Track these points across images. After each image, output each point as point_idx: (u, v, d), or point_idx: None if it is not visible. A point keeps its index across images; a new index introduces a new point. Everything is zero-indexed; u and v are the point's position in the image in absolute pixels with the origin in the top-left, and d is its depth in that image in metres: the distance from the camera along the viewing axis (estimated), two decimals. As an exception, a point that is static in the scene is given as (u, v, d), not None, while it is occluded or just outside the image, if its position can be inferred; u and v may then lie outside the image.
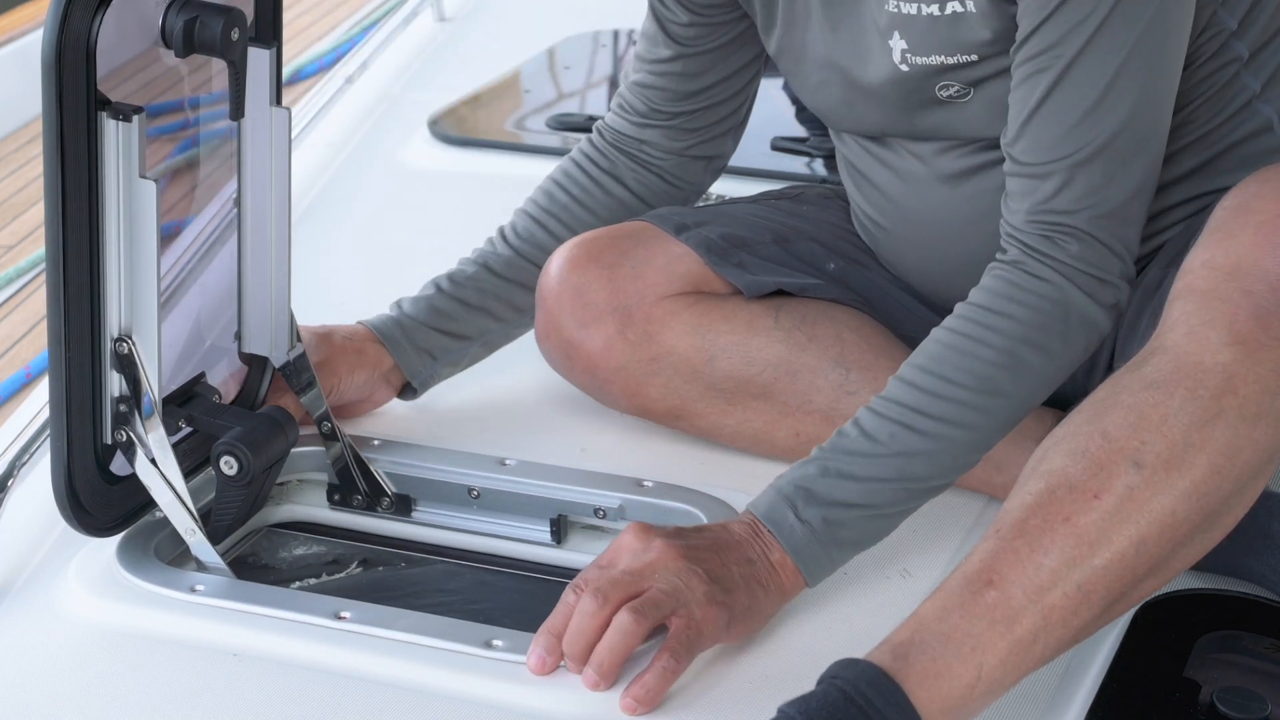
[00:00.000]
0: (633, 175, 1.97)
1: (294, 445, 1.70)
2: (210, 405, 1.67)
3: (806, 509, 1.55)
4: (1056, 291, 1.59)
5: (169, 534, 1.68)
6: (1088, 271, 1.60)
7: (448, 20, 3.30)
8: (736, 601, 1.52)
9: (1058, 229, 1.60)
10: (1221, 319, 1.44)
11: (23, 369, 3.51)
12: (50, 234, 1.46)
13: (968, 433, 1.58)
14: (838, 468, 1.57)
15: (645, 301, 1.84)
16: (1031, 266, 1.60)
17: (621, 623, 1.47)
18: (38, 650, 1.57)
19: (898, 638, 1.38)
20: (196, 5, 1.51)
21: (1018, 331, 1.58)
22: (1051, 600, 1.38)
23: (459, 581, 1.74)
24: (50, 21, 1.39)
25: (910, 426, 1.57)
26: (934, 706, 1.35)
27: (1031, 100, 1.59)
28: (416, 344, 1.87)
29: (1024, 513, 1.41)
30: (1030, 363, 1.58)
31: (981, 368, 1.58)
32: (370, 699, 1.49)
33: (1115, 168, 1.59)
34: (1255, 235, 1.49)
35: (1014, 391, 1.58)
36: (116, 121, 1.45)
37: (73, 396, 1.53)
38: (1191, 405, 1.41)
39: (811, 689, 1.37)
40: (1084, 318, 1.60)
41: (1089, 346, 1.62)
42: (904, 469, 1.56)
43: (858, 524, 1.57)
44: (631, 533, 1.54)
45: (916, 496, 1.59)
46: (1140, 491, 1.39)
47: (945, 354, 1.59)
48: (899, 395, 1.58)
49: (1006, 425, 1.60)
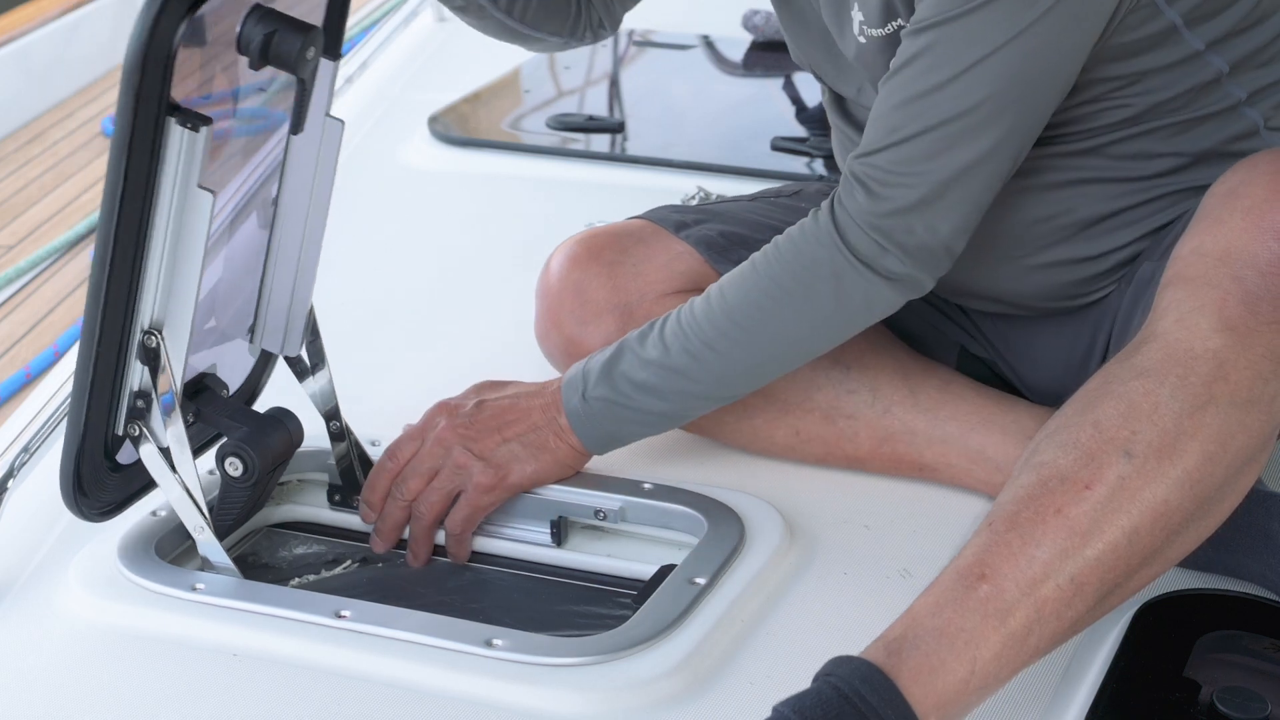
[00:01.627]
0: None
1: (298, 447, 1.70)
2: (219, 402, 1.66)
3: (593, 387, 1.71)
4: (827, 238, 1.63)
5: (169, 533, 1.68)
6: (864, 231, 1.61)
7: (448, 20, 3.29)
8: (509, 467, 1.73)
9: (862, 180, 1.61)
10: (1211, 305, 1.44)
11: (23, 369, 3.51)
12: (102, 228, 1.46)
13: (730, 359, 1.68)
14: (631, 358, 1.70)
15: (646, 299, 1.84)
16: (821, 211, 1.65)
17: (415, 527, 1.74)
18: (38, 650, 1.57)
19: (891, 634, 1.38)
20: (276, 18, 1.50)
21: (776, 273, 1.66)
22: (1045, 593, 1.37)
23: (459, 581, 1.74)
24: (138, 27, 1.40)
25: (688, 338, 1.68)
26: (928, 702, 1.35)
27: (904, 54, 1.59)
28: None
29: (1016, 505, 1.41)
30: (782, 305, 1.65)
31: (746, 302, 1.66)
32: (370, 699, 1.49)
33: (946, 145, 1.58)
34: (1244, 221, 1.49)
35: (770, 330, 1.67)
36: (184, 129, 1.45)
37: (97, 384, 1.53)
38: (1182, 393, 1.40)
39: (807, 688, 1.37)
40: (845, 275, 1.63)
41: (859, 309, 1.65)
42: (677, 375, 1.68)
43: (635, 412, 1.71)
44: (434, 409, 1.76)
45: (691, 399, 1.71)
46: (1132, 481, 1.39)
47: (733, 280, 1.69)
48: (696, 307, 1.69)
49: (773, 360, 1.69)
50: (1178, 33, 1.63)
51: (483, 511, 1.74)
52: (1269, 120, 1.68)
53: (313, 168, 1.67)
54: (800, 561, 1.70)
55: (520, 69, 3.09)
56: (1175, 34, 1.62)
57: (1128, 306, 1.70)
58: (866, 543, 1.74)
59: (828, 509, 1.79)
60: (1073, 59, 1.58)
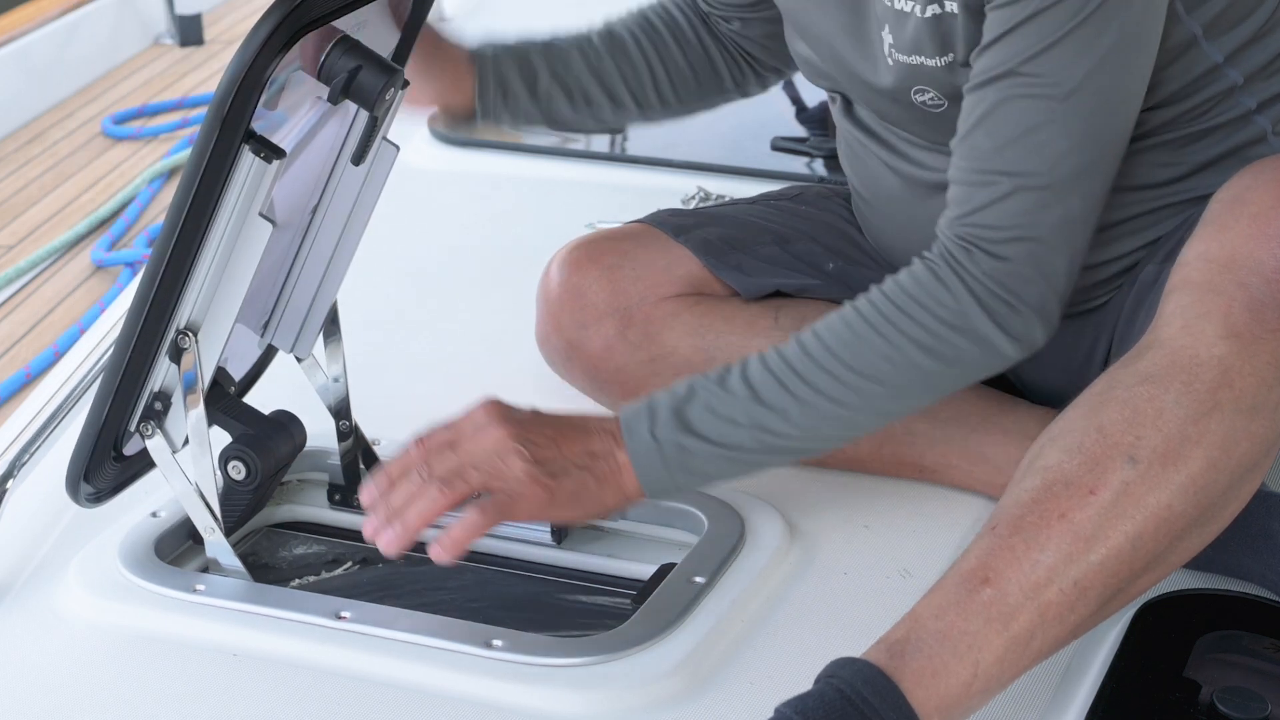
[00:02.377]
0: (694, 39, 1.96)
1: (301, 449, 1.70)
2: (226, 401, 1.66)
3: (663, 427, 1.57)
4: (957, 304, 1.57)
5: (169, 534, 1.68)
6: (996, 293, 1.57)
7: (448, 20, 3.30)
8: (561, 486, 1.56)
9: (976, 243, 1.57)
10: (1217, 312, 1.44)
11: (23, 369, 3.51)
12: (164, 235, 1.48)
13: (836, 408, 1.57)
14: (707, 399, 1.57)
15: (645, 303, 1.84)
16: (943, 273, 1.58)
17: (427, 490, 1.54)
18: (38, 650, 1.57)
19: (894, 636, 1.38)
20: (362, 54, 1.51)
21: (912, 331, 1.57)
22: (1048, 597, 1.38)
23: (459, 581, 1.74)
24: (239, 56, 1.42)
25: (784, 384, 1.57)
26: (931, 705, 1.35)
27: (979, 109, 1.56)
28: (499, 76, 1.90)
29: (1020, 509, 1.41)
30: (917, 364, 1.57)
31: (869, 354, 1.57)
32: (370, 699, 1.49)
33: (1051, 194, 1.55)
34: (1250, 227, 1.49)
35: (893, 384, 1.57)
36: (256, 158, 1.45)
37: (126, 378, 1.54)
38: (1187, 399, 1.40)
39: (809, 689, 1.37)
40: (981, 338, 1.57)
41: (988, 367, 1.60)
42: (765, 421, 1.57)
43: (708, 458, 1.57)
44: (483, 407, 1.59)
45: (773, 452, 1.58)
46: (1136, 487, 1.39)
47: (842, 331, 1.58)
48: (789, 354, 1.58)
49: (879, 415, 1.60)
50: (1198, 45, 1.62)
51: (522, 513, 1.58)
52: (1276, 126, 1.68)
53: (359, 185, 1.67)
54: (800, 561, 1.70)
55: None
56: (1195, 46, 1.62)
57: (1130, 309, 1.70)
58: (866, 543, 1.74)
59: (828, 509, 1.79)
60: (1142, 79, 1.57)
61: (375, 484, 1.58)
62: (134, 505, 1.70)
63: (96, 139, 4.84)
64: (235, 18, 5.85)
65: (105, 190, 4.47)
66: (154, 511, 1.70)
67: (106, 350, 1.76)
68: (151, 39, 5.63)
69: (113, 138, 4.84)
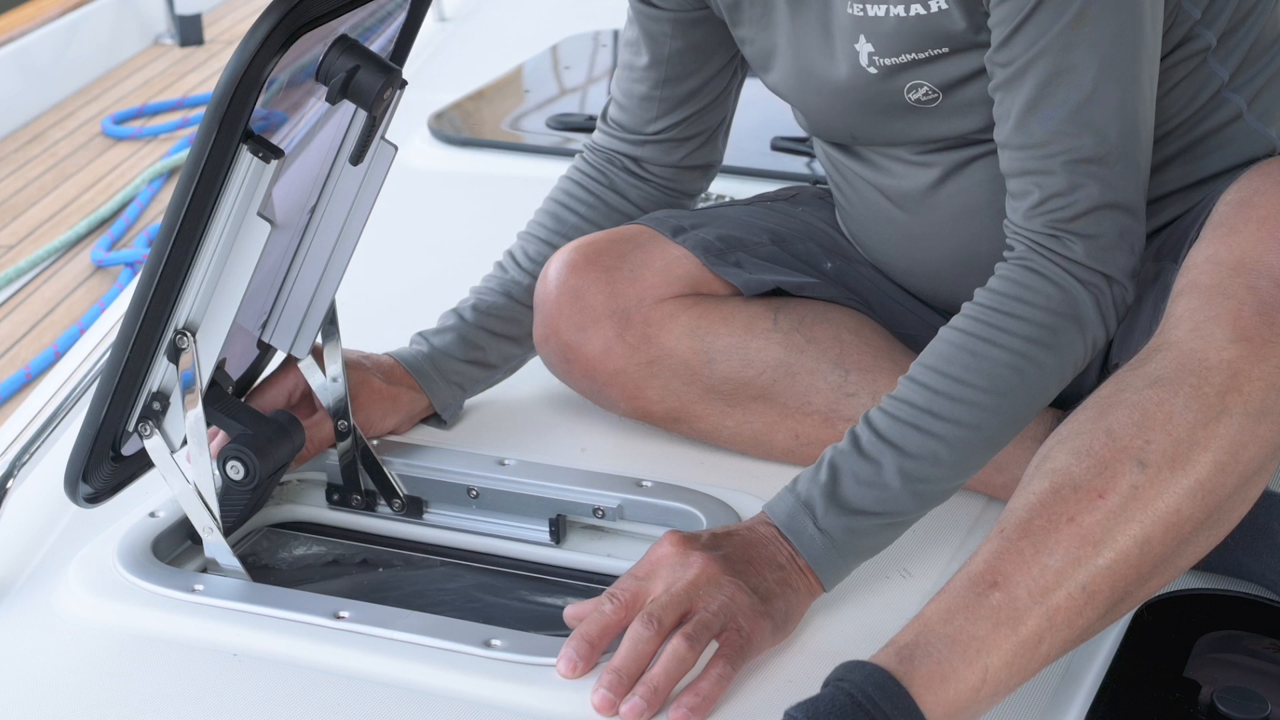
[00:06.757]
0: (635, 190, 1.97)
1: (300, 450, 1.70)
2: (225, 400, 1.66)
3: (825, 518, 1.55)
4: (1064, 291, 1.58)
5: (168, 534, 1.68)
6: (1098, 269, 1.58)
7: (448, 20, 3.30)
8: (775, 609, 1.51)
9: (1063, 228, 1.58)
10: (1226, 315, 1.44)
11: (23, 369, 3.51)
12: (162, 234, 1.47)
13: (978, 434, 1.56)
14: (854, 472, 1.55)
15: (644, 304, 1.84)
16: (1040, 265, 1.59)
17: (677, 649, 1.45)
18: (38, 650, 1.57)
19: (903, 640, 1.38)
20: (361, 54, 1.51)
21: (1028, 331, 1.57)
22: (1056, 601, 1.38)
23: (459, 581, 1.74)
24: (238, 56, 1.41)
25: (922, 429, 1.55)
26: (940, 709, 1.35)
27: (1019, 101, 1.57)
28: (448, 378, 1.88)
29: (1028, 513, 1.40)
30: (1041, 362, 1.57)
31: (992, 368, 1.56)
32: (370, 699, 1.49)
33: (1117, 162, 1.57)
34: (1259, 230, 1.49)
35: (1024, 391, 1.57)
36: (254, 158, 1.45)
37: (124, 379, 1.54)
38: (1196, 403, 1.40)
39: (817, 692, 1.37)
40: (1092, 317, 1.59)
41: (1098, 344, 1.61)
42: (916, 472, 1.55)
43: (874, 532, 1.56)
44: (669, 543, 1.53)
45: (929, 500, 1.58)
46: (1145, 491, 1.39)
47: (956, 354, 1.57)
48: (911, 396, 1.57)
49: (1017, 425, 1.59)
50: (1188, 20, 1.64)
51: (756, 651, 1.50)
52: (1252, 105, 1.69)
53: (358, 185, 1.67)
54: (800, 562, 1.70)
55: (521, 69, 3.09)
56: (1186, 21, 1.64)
57: (1129, 307, 1.70)
58: (866, 543, 1.74)
59: (827, 509, 1.79)
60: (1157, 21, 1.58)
61: (577, 651, 1.48)
62: (133, 505, 1.70)
63: (96, 139, 4.84)
64: (235, 18, 5.86)
65: (105, 190, 4.47)
66: (153, 512, 1.70)
67: (106, 350, 1.76)
68: (151, 39, 5.63)
69: (113, 138, 4.84)
